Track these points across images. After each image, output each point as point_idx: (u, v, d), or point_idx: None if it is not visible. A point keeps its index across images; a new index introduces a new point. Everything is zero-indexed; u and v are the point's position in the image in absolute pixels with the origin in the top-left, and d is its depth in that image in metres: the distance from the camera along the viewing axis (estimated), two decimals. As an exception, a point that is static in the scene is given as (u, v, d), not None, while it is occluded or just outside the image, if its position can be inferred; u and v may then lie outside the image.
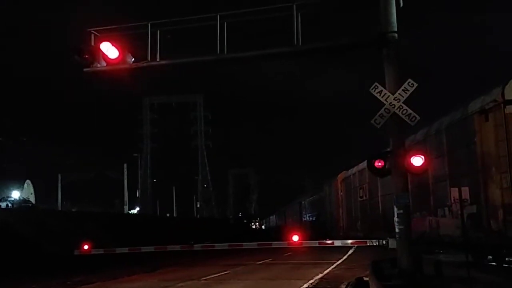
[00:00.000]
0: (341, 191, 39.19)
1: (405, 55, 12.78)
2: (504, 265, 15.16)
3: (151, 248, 22.69)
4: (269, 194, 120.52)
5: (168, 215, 75.99)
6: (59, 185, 55.86)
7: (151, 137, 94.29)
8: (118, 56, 13.03)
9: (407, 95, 11.29)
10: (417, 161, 11.15)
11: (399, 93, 11.28)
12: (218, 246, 24.00)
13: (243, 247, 23.97)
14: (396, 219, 11.40)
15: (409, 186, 12.18)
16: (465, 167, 16.16)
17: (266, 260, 24.25)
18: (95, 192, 72.91)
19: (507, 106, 13.85)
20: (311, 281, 15.72)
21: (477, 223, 14.89)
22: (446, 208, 17.07)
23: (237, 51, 13.12)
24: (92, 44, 13.13)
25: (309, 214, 61.39)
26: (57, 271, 20.90)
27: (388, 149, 11.66)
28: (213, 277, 18.18)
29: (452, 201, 13.61)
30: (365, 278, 13.35)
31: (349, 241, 23.70)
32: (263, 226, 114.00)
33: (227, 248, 23.99)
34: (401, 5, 11.79)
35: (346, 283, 14.54)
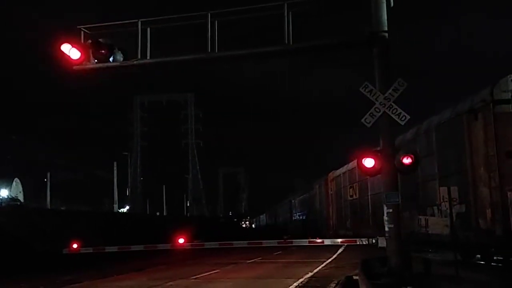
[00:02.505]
0: (331, 190, 39.33)
1: (396, 55, 12.83)
2: (492, 263, 15.29)
3: (140, 247, 22.63)
4: (260, 193, 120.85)
5: (158, 213, 75.72)
6: (48, 183, 55.42)
7: (141, 136, 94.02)
8: (108, 54, 12.96)
9: (398, 94, 11.33)
10: (407, 160, 11.20)
11: (389, 93, 11.32)
12: (208, 244, 23.98)
13: (233, 246, 23.98)
14: (385, 218, 11.44)
15: (399, 185, 12.21)
16: (454, 166, 16.27)
17: (256, 259, 24.24)
18: (84, 190, 72.55)
19: (496, 106, 13.97)
20: (301, 280, 15.73)
21: (466, 222, 14.99)
22: (435, 207, 17.17)
23: (227, 50, 13.09)
24: (82, 41, 13.05)
25: (299, 213, 61.54)
26: (46, 270, 20.75)
27: (378, 148, 11.70)
28: (203, 275, 18.15)
29: (441, 200, 13.71)
30: (354, 277, 13.38)
31: (339, 240, 23.83)
32: (253, 225, 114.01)
33: (217, 247, 23.99)
34: (392, 4, 11.83)
35: (336, 282, 14.58)
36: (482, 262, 15.73)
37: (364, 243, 19.56)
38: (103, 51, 12.93)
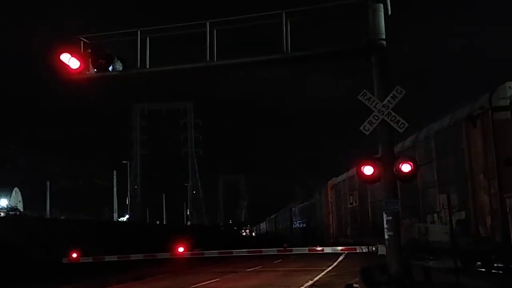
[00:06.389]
0: (331, 198, 39.25)
1: (394, 62, 12.87)
2: (493, 271, 15.24)
3: (140, 256, 22.56)
4: (260, 201, 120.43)
5: (158, 222, 75.54)
6: (48, 192, 55.33)
7: (140, 144, 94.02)
8: (107, 63, 13.01)
9: (396, 101, 11.37)
10: (406, 167, 11.21)
11: (388, 100, 11.35)
12: (208, 253, 23.92)
13: (233, 255, 23.93)
14: (385, 225, 11.43)
15: (398, 193, 12.21)
16: (454, 173, 16.26)
17: (256, 267, 24.18)
18: (84, 199, 72.35)
19: (495, 113, 13.97)
20: (301, 288, 15.72)
21: (466, 229, 14.96)
22: (435, 214, 17.14)
23: (226, 58, 13.14)
24: (82, 51, 13.09)
25: (299, 221, 61.42)
26: (45, 280, 20.68)
27: (377, 156, 11.71)
28: (203, 284, 18.11)
29: (441, 207, 13.69)
30: (355, 285, 13.36)
31: (339, 248, 23.75)
32: (253, 233, 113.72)
33: (217, 255, 23.93)
34: (389, 12, 11.90)
35: (336, 290, 14.56)
36: (483, 269, 15.67)
37: (364, 250, 19.54)
38: (102, 60, 12.98)
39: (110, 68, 13.17)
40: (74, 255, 21.93)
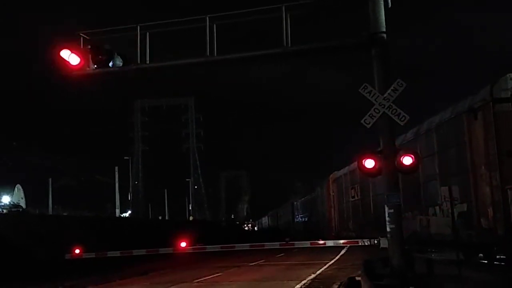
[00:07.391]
0: (333, 192, 39.29)
1: (395, 55, 12.85)
2: (495, 262, 15.27)
3: (142, 251, 22.62)
4: (262, 196, 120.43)
5: (160, 218, 75.68)
6: (50, 189, 55.47)
7: (142, 140, 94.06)
8: (108, 59, 12.98)
9: (397, 94, 11.33)
10: (407, 160, 11.19)
11: (388, 93, 11.33)
12: (210, 248, 23.96)
13: (236, 249, 23.97)
14: (387, 218, 11.43)
15: (400, 186, 12.21)
16: (455, 165, 16.27)
17: (258, 262, 24.24)
18: (86, 196, 72.53)
19: (496, 105, 13.96)
20: (303, 282, 15.74)
21: (468, 222, 14.98)
22: (437, 207, 17.16)
23: (226, 53, 13.11)
24: (81, 47, 13.07)
25: (301, 215, 61.55)
26: (48, 276, 20.74)
27: (379, 149, 11.70)
28: (206, 279, 18.17)
29: (443, 199, 13.72)
30: (357, 278, 13.38)
31: (341, 241, 23.78)
32: (255, 228, 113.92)
33: (219, 250, 23.97)
34: (390, 5, 11.85)
35: (339, 283, 14.59)
36: (485, 261, 15.70)
37: (366, 244, 19.57)
38: (102, 56, 12.95)
39: (110, 64, 13.15)
40: (77, 251, 21.99)
